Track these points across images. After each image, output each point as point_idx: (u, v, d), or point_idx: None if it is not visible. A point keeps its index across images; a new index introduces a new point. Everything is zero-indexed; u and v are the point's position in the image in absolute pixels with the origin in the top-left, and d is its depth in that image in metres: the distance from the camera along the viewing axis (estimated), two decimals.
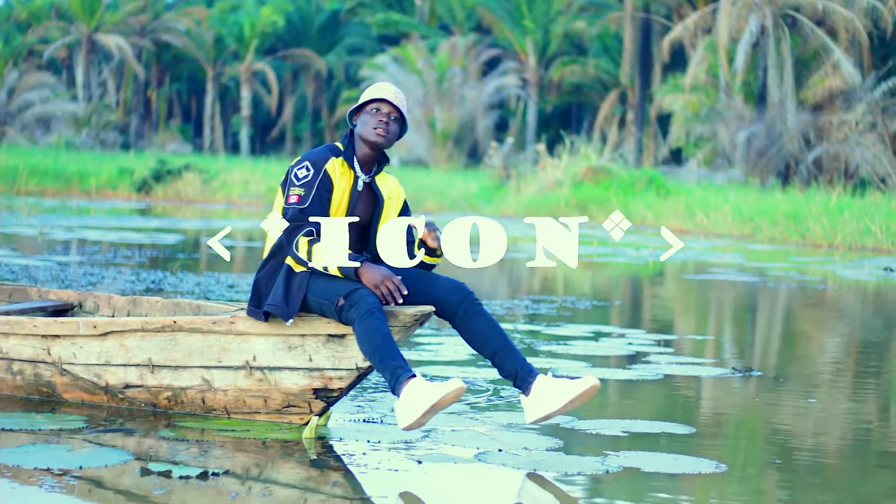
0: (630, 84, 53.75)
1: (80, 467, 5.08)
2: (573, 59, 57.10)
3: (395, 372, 5.56)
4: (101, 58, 67.31)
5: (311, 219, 5.72)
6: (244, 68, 66.57)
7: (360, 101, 5.96)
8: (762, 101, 39.61)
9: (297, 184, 5.80)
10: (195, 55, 68.26)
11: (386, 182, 6.08)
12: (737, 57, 39.25)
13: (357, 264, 5.67)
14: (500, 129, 60.75)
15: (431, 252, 5.93)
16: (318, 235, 5.73)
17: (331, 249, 5.63)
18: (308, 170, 5.82)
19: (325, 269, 5.70)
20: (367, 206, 5.98)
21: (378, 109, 5.92)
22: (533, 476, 5.23)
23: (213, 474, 5.03)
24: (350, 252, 5.74)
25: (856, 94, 38.13)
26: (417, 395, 5.48)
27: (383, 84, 6.01)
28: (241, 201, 35.35)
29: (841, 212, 24.68)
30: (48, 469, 5.03)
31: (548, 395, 5.70)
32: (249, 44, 66.45)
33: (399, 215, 6.04)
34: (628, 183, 32.07)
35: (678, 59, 50.84)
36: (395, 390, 5.55)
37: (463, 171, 47.68)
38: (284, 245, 5.79)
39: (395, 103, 5.93)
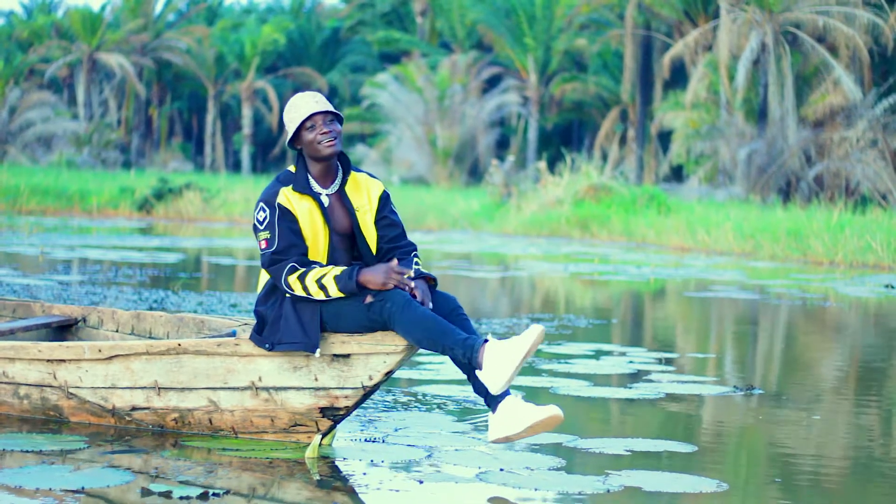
0: (631, 101, 53.83)
1: (83, 488, 5.08)
2: (574, 76, 57.17)
3: (467, 343, 5.58)
4: (103, 76, 67.45)
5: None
6: (245, 86, 66.70)
7: (293, 130, 5.87)
8: (763, 117, 39.64)
9: (261, 228, 5.80)
10: (196, 73, 68.39)
11: (358, 187, 6.01)
12: (737, 74, 39.30)
13: (353, 277, 5.67)
14: (501, 146, 60.81)
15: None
16: (302, 265, 5.73)
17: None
18: (264, 210, 5.81)
19: (329, 297, 5.69)
20: (344, 218, 5.93)
21: (314, 125, 5.86)
22: (532, 495, 5.24)
23: (214, 494, 5.03)
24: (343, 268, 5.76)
25: (857, 111, 38.14)
26: (503, 354, 5.54)
27: (300, 100, 5.91)
28: (243, 219, 35.36)
29: (842, 229, 24.67)
30: (50, 489, 5.03)
31: (511, 417, 5.67)
32: (251, 62, 66.59)
33: (377, 214, 5.99)
34: (629, 200, 32.08)
35: (679, 77, 50.91)
36: (472, 360, 5.57)
37: (464, 190, 47.69)
38: (281, 288, 5.80)
39: (323, 110, 5.86)
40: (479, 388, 5.80)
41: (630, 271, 20.17)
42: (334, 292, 5.68)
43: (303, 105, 5.88)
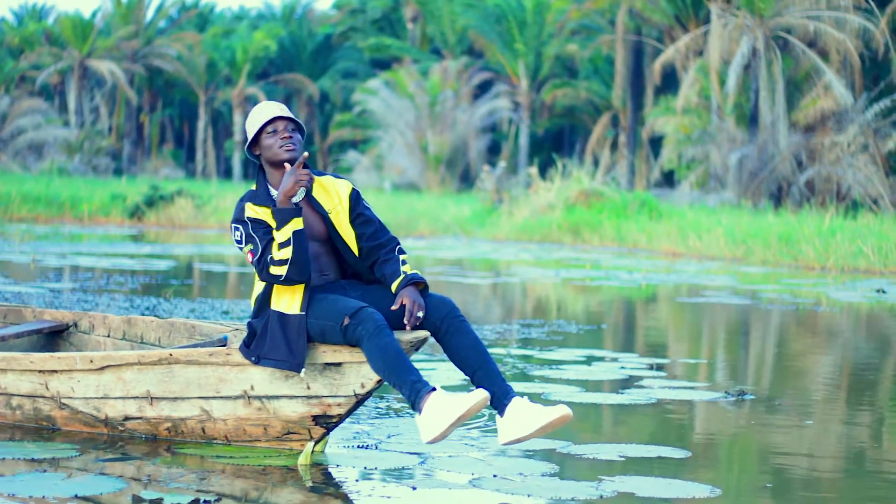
0: (622, 107, 53.85)
1: (75, 496, 5.08)
2: (565, 81, 57.21)
3: (415, 387, 5.54)
4: (94, 83, 67.40)
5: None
6: (236, 93, 66.64)
7: (253, 133, 5.92)
8: (754, 122, 39.67)
9: (243, 245, 5.84)
10: (187, 80, 68.32)
11: (325, 190, 6.01)
12: (728, 79, 39.32)
13: (278, 208, 5.75)
14: (493, 152, 60.83)
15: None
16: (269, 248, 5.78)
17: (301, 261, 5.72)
18: (237, 229, 5.86)
19: (291, 245, 5.70)
20: (317, 224, 5.94)
21: (275, 130, 5.90)
22: (526, 501, 5.24)
23: (205, 502, 5.03)
24: (328, 276, 5.87)
25: (847, 116, 38.18)
26: (442, 407, 5.46)
27: (263, 106, 5.97)
28: None
29: (833, 234, 24.70)
30: (43, 497, 5.03)
31: (521, 419, 5.64)
32: (242, 68, 66.54)
33: (350, 214, 5.99)
34: (620, 206, 32.09)
35: (670, 82, 50.95)
36: (415, 405, 5.54)
37: (455, 195, 47.69)
38: (279, 283, 5.79)
39: (285, 115, 5.91)
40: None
41: (621, 277, 20.18)
42: (285, 235, 5.72)
43: (266, 110, 5.94)
